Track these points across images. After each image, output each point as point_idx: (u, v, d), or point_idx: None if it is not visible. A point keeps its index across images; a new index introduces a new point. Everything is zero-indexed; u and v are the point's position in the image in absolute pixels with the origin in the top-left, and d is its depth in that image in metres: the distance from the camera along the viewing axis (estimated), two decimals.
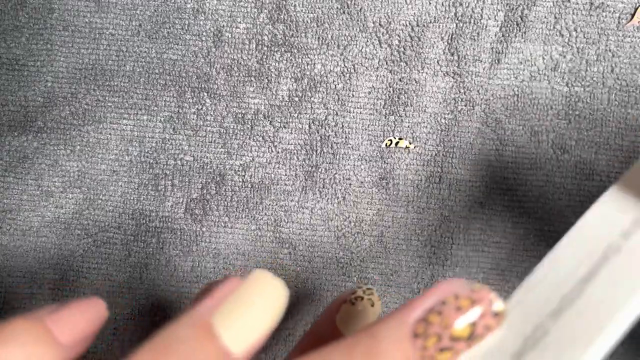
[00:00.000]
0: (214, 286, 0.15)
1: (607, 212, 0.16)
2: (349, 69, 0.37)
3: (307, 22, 0.37)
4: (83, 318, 0.15)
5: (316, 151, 0.37)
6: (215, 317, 0.14)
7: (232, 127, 0.37)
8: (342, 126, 0.37)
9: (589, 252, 0.15)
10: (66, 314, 0.15)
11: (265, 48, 0.37)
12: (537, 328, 0.14)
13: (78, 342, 0.15)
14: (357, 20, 0.37)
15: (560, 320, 0.14)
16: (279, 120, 0.37)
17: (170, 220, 0.37)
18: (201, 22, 0.37)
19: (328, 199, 0.37)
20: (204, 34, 0.37)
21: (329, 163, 0.37)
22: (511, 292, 0.14)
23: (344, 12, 0.37)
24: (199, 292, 0.17)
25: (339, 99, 0.37)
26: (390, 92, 0.37)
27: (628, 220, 0.15)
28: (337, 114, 0.37)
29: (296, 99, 0.37)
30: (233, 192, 0.37)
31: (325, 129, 0.37)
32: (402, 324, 0.13)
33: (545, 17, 0.36)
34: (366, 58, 0.37)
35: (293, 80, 0.37)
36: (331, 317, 0.21)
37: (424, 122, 0.36)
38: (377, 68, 0.37)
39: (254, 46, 0.37)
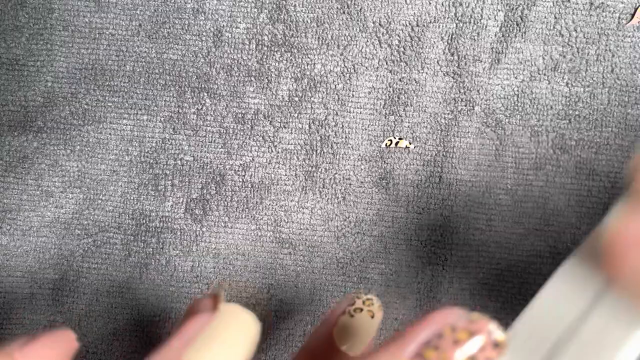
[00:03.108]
0: (192, 314, 0.15)
1: (563, 291, 0.14)
2: (349, 69, 0.37)
3: (307, 22, 0.37)
4: (52, 351, 0.15)
5: (316, 151, 0.37)
6: (186, 356, 0.14)
7: (232, 127, 0.37)
8: (342, 126, 0.37)
9: (542, 339, 0.14)
10: (35, 348, 0.15)
11: (265, 48, 0.37)
12: None
13: None
14: (357, 20, 0.37)
15: None
16: (279, 120, 0.37)
17: (170, 220, 0.37)
18: (201, 22, 0.37)
19: (328, 199, 0.37)
20: (204, 34, 0.37)
21: (329, 163, 0.37)
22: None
23: (344, 12, 0.37)
24: (183, 317, 0.17)
25: (339, 99, 0.37)
26: (390, 92, 0.37)
27: (585, 300, 0.14)
28: (337, 114, 0.37)
29: (296, 99, 0.37)
30: (233, 192, 0.37)
31: (325, 129, 0.37)
32: None
33: (545, 17, 0.36)
34: (366, 58, 0.37)
35: (293, 80, 0.37)
36: (328, 330, 0.20)
37: (424, 122, 0.36)
38: (377, 68, 0.37)
39: (254, 46, 0.37)
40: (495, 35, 0.36)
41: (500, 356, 0.13)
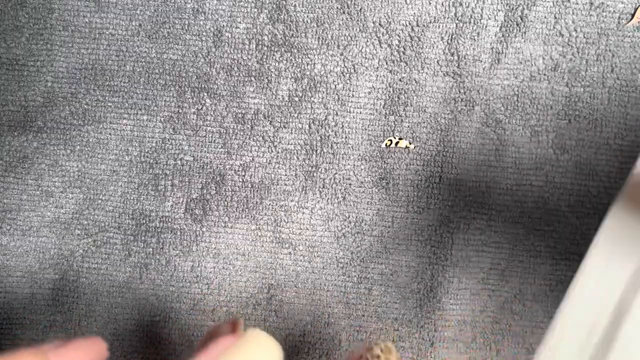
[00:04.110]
0: (213, 336, 0.16)
1: (605, 263, 0.13)
2: (349, 69, 0.37)
3: (307, 22, 0.37)
4: (84, 356, 0.16)
5: (316, 151, 0.37)
6: None
7: (232, 127, 0.37)
8: (342, 126, 0.37)
9: (598, 313, 0.13)
10: (69, 351, 0.16)
11: (265, 48, 0.37)
12: None
13: None
14: (357, 20, 0.37)
15: None
16: (279, 120, 0.37)
17: (170, 220, 0.37)
18: (201, 22, 0.37)
19: (328, 199, 0.37)
20: (204, 34, 0.37)
21: (329, 163, 0.37)
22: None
23: (344, 12, 0.37)
24: (203, 338, 0.18)
25: (339, 99, 0.37)
26: (390, 92, 0.37)
27: (630, 270, 0.12)
28: (337, 114, 0.37)
29: (296, 99, 0.37)
30: (233, 192, 0.37)
31: (325, 129, 0.37)
32: None
33: (545, 17, 0.36)
34: (366, 58, 0.37)
35: (293, 80, 0.37)
36: None
37: (424, 122, 0.36)
38: (377, 68, 0.37)
39: (254, 46, 0.37)
40: (495, 35, 0.36)
41: None
